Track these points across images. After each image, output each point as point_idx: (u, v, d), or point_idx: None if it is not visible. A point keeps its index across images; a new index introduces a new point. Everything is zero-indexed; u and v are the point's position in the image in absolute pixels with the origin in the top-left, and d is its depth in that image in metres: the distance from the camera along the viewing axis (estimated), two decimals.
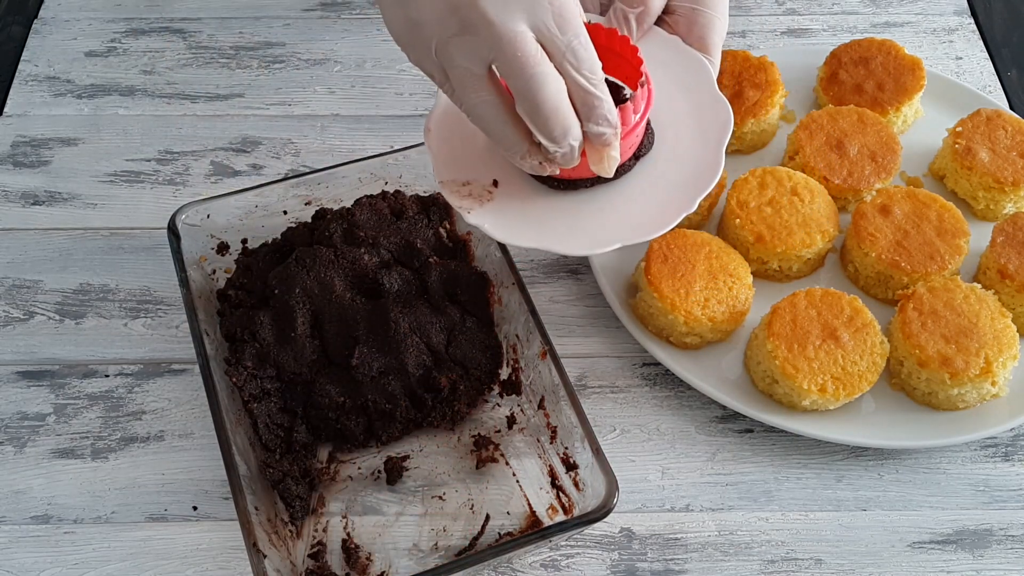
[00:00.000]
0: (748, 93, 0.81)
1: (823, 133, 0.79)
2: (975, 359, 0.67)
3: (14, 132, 0.86)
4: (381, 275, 0.69)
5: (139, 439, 0.69)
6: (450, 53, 0.52)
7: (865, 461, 0.70)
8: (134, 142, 0.86)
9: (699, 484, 0.68)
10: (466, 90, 0.53)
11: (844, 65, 0.84)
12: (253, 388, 0.66)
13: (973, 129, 0.80)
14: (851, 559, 0.66)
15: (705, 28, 0.63)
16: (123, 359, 0.73)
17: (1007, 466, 0.70)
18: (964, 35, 0.95)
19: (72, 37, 0.94)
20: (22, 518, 0.66)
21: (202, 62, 0.92)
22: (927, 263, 0.73)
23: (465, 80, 0.53)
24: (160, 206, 0.82)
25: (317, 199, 0.74)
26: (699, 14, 0.63)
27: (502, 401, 0.70)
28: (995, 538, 0.66)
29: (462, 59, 0.52)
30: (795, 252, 0.74)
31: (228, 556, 0.65)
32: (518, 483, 0.67)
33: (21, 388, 0.72)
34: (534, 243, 0.59)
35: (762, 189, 0.76)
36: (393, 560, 0.64)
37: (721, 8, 0.64)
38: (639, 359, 0.74)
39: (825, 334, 0.68)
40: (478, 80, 0.53)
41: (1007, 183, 0.77)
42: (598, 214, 0.61)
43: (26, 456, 0.69)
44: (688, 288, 0.70)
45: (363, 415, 0.67)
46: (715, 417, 0.72)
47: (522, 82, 0.51)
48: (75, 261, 0.78)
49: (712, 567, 0.65)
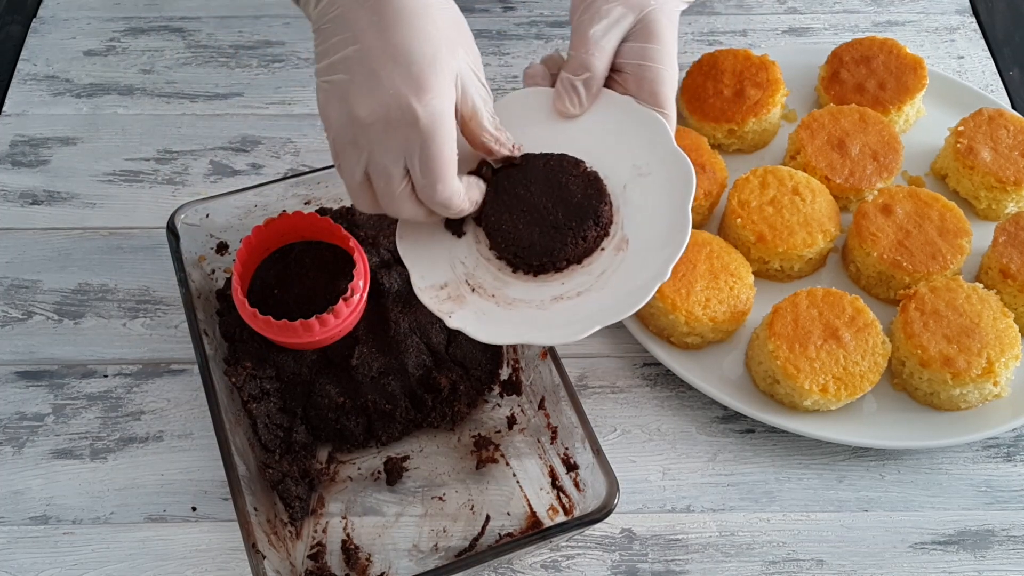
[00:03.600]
0: (749, 92, 0.81)
1: (824, 132, 0.79)
2: (977, 359, 0.67)
3: (13, 131, 0.86)
4: (381, 275, 0.69)
5: (138, 439, 0.69)
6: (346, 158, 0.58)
7: (867, 461, 0.70)
8: (133, 141, 0.86)
9: (700, 485, 0.68)
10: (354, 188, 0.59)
11: (846, 64, 0.84)
12: (252, 388, 0.66)
13: (975, 128, 0.79)
14: (853, 560, 0.65)
15: (654, 83, 0.63)
16: (122, 359, 0.73)
17: (1009, 466, 0.70)
18: (966, 34, 0.95)
19: (71, 36, 0.93)
20: (21, 519, 0.66)
21: (201, 61, 0.91)
22: (929, 263, 0.72)
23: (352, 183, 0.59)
24: (159, 206, 0.81)
25: (317, 199, 0.73)
26: (646, 69, 0.64)
27: (502, 401, 0.70)
28: (997, 539, 0.66)
29: (351, 166, 0.58)
30: (796, 252, 0.73)
31: (227, 557, 0.64)
32: (518, 484, 0.67)
33: (20, 388, 0.72)
34: (517, 339, 0.60)
35: (763, 188, 0.75)
36: (393, 561, 0.64)
37: (668, 60, 0.64)
38: (640, 359, 0.74)
39: (827, 334, 0.68)
40: (360, 183, 0.59)
41: (1009, 182, 0.77)
42: (575, 298, 0.61)
43: (25, 456, 0.68)
44: (689, 288, 0.70)
45: (363, 415, 0.67)
46: (716, 417, 0.71)
47: (385, 202, 0.58)
48: (74, 261, 0.78)
49: (713, 568, 0.65)
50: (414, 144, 0.55)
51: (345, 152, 0.57)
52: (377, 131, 0.55)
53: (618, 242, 0.61)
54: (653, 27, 0.64)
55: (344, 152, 0.57)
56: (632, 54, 0.64)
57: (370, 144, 0.56)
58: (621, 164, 0.63)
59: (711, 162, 0.77)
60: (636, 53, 0.64)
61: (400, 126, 0.55)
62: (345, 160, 0.58)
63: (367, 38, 0.56)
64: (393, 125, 0.55)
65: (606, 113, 0.64)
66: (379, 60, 0.55)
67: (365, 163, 0.57)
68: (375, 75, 0.55)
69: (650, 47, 0.64)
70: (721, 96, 0.81)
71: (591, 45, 0.64)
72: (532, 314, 0.60)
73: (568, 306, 0.60)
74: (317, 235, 0.68)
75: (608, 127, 0.64)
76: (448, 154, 0.56)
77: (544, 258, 0.61)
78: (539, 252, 0.61)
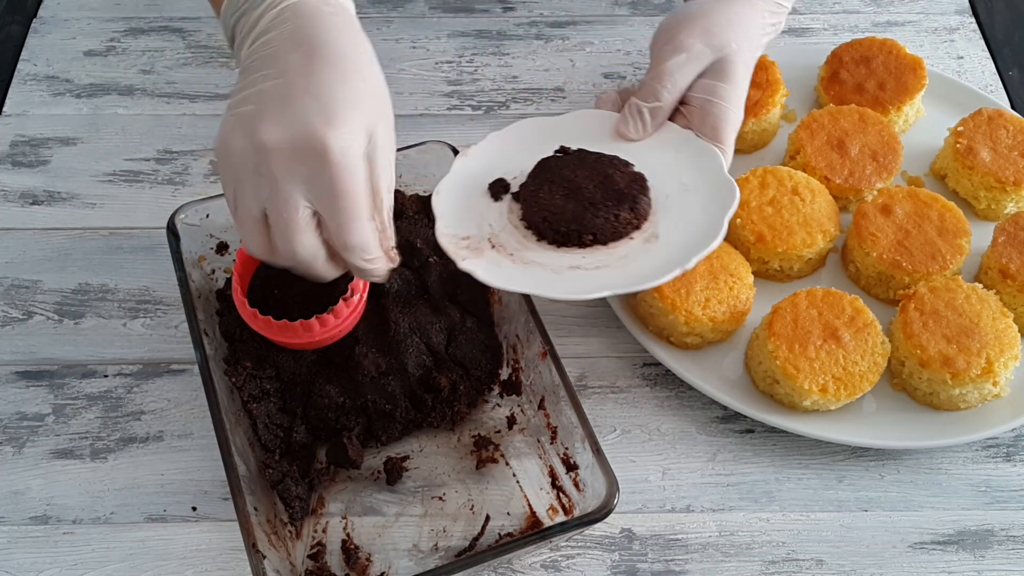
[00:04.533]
0: (749, 92, 0.80)
1: (824, 132, 0.79)
2: (976, 359, 0.67)
3: (13, 132, 0.86)
4: None
5: (138, 439, 0.69)
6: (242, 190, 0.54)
7: (866, 461, 0.70)
8: (133, 142, 0.86)
9: (700, 484, 0.68)
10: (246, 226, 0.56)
11: (845, 64, 0.84)
12: (253, 388, 0.66)
13: (974, 128, 0.79)
14: (852, 560, 0.65)
15: (718, 119, 0.65)
16: (122, 359, 0.73)
17: (1008, 466, 0.70)
18: (965, 34, 0.95)
19: (71, 36, 0.93)
20: (21, 519, 0.66)
21: (201, 61, 0.91)
22: (928, 263, 0.72)
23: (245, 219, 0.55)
24: (159, 206, 0.81)
25: None
26: (712, 105, 0.65)
27: (502, 401, 0.70)
28: (996, 539, 0.66)
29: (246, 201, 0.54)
30: (796, 252, 0.73)
31: (227, 557, 0.64)
32: (518, 483, 0.67)
33: (20, 388, 0.72)
34: (522, 289, 0.60)
35: (763, 189, 0.75)
36: (393, 561, 0.64)
37: (735, 101, 0.66)
38: (639, 359, 0.74)
39: (826, 334, 0.68)
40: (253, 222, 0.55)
41: (1008, 183, 0.77)
42: (592, 271, 0.62)
43: (25, 456, 0.68)
44: (689, 288, 0.70)
45: (363, 415, 0.67)
46: (716, 417, 0.71)
47: (281, 245, 0.54)
48: (74, 261, 0.78)
49: (713, 568, 0.65)
50: (324, 178, 0.51)
51: (244, 184, 0.53)
52: (282, 158, 0.51)
53: (648, 236, 0.63)
54: (729, 68, 0.66)
55: (242, 183, 0.53)
56: (702, 90, 0.66)
57: (272, 173, 0.51)
58: (669, 179, 0.66)
59: None
60: (706, 89, 0.65)
61: (309, 157, 0.51)
62: (241, 192, 0.53)
63: (291, 75, 0.52)
64: (300, 154, 0.51)
65: (664, 140, 0.67)
66: (296, 94, 0.52)
67: (265, 196, 0.52)
68: (288, 104, 0.51)
69: (721, 85, 0.65)
70: None
71: (665, 77, 0.65)
72: (545, 275, 0.61)
73: (582, 275, 0.61)
74: None
75: (662, 151, 0.67)
76: (361, 190, 0.53)
77: (572, 225, 0.62)
78: (568, 219, 0.62)
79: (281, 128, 0.51)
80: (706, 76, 0.66)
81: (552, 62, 0.92)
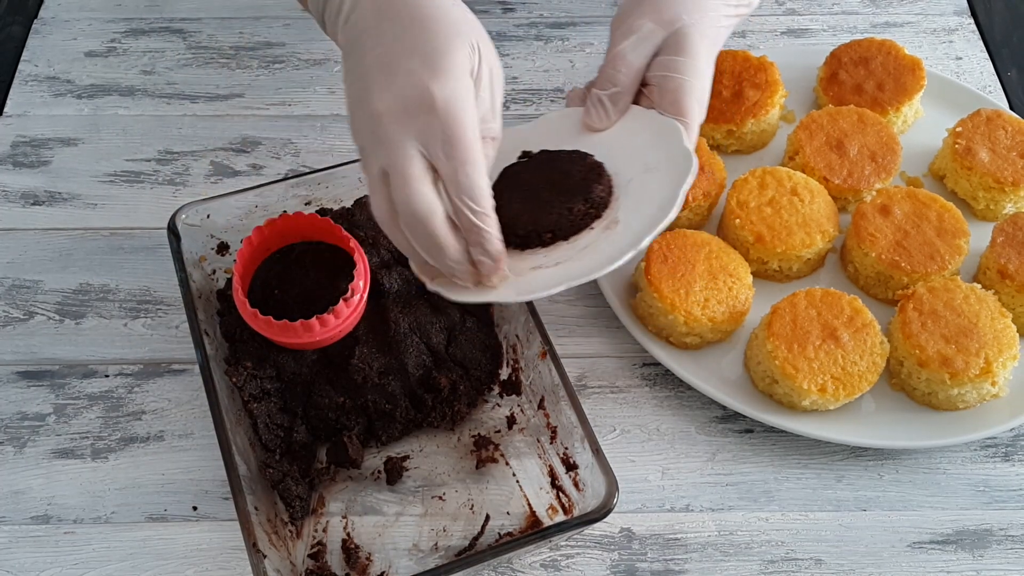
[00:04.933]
0: (748, 93, 0.81)
1: (823, 133, 0.79)
2: (975, 359, 0.67)
3: (14, 132, 0.86)
4: (381, 275, 0.69)
5: (139, 439, 0.69)
6: (366, 157, 0.57)
7: (865, 461, 0.70)
8: (134, 142, 0.86)
9: (699, 484, 0.68)
10: (371, 190, 0.57)
11: (844, 65, 0.84)
12: (253, 388, 0.66)
13: (973, 129, 0.80)
14: (851, 559, 0.66)
15: (676, 92, 0.64)
16: (123, 359, 0.73)
17: (1007, 466, 0.70)
18: (964, 35, 0.95)
19: (72, 37, 0.94)
20: (22, 518, 0.66)
21: (202, 62, 0.92)
22: (927, 263, 0.73)
23: (371, 183, 0.57)
24: (160, 206, 0.82)
25: (317, 199, 0.73)
26: (669, 80, 0.64)
27: (502, 401, 0.70)
28: (995, 538, 0.66)
29: (370, 165, 0.57)
30: (795, 252, 0.74)
31: (228, 556, 0.65)
32: (518, 483, 0.67)
33: (21, 388, 0.72)
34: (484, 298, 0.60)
35: (762, 189, 0.76)
36: (393, 560, 0.64)
37: (693, 71, 0.65)
38: (639, 359, 0.74)
39: (825, 334, 0.68)
40: (377, 184, 0.56)
41: (1007, 183, 0.77)
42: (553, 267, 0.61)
43: (26, 456, 0.69)
44: (688, 288, 0.70)
45: (363, 415, 0.67)
46: (715, 417, 0.72)
47: (399, 199, 0.55)
48: (75, 261, 0.78)
49: (712, 567, 0.65)
50: (435, 129, 0.54)
51: (366, 151, 0.57)
52: (393, 118, 0.54)
53: (608, 223, 0.62)
54: (683, 41, 0.65)
55: (365, 151, 0.57)
56: (659, 67, 0.65)
57: (387, 133, 0.55)
58: (633, 163, 0.64)
59: (710, 163, 0.77)
60: (663, 66, 0.65)
61: (419, 110, 0.54)
62: (366, 158, 0.57)
63: (387, 44, 0.57)
64: (411, 112, 0.54)
65: (629, 125, 0.66)
66: (396, 60, 0.56)
67: (383, 156, 0.55)
68: (392, 71, 0.55)
69: (677, 59, 0.65)
70: (720, 97, 0.81)
71: (618, 60, 0.65)
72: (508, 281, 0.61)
73: (543, 274, 0.60)
74: (317, 235, 0.69)
75: (627, 135, 0.65)
76: (472, 136, 0.55)
77: (529, 226, 0.62)
78: (524, 221, 0.62)
79: (389, 94, 0.55)
80: (662, 53, 0.65)
81: (552, 63, 0.92)
